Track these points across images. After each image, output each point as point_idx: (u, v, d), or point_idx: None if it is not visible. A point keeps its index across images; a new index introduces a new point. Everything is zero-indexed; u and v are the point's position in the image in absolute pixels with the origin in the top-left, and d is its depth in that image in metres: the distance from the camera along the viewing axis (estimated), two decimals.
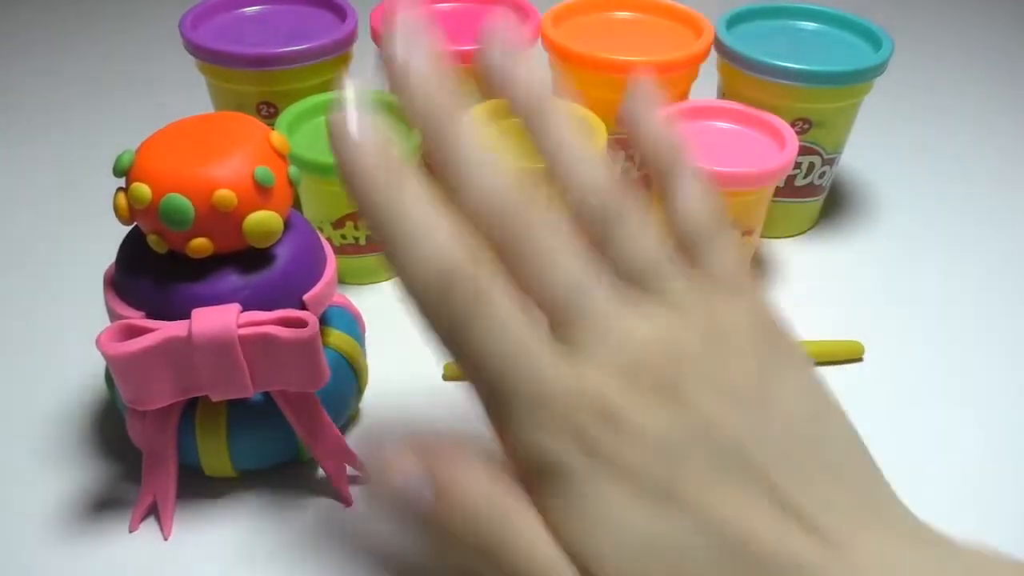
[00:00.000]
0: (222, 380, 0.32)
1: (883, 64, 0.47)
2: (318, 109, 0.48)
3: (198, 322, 0.30)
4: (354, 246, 0.47)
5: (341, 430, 0.38)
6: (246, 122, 0.33)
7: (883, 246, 0.53)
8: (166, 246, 0.32)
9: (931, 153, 0.63)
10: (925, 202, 0.57)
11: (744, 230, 0.46)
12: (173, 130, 0.33)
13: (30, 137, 0.62)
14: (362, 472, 0.37)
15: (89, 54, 0.74)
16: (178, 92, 0.65)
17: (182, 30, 0.48)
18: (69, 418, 0.40)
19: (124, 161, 0.32)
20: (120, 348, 0.30)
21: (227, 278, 0.32)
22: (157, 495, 0.35)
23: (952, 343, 0.46)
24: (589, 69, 0.47)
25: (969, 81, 0.72)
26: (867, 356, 0.44)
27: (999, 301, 0.49)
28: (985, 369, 0.44)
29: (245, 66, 0.47)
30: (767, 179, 0.44)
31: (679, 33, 0.51)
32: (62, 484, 0.37)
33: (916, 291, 0.49)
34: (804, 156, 0.49)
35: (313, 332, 0.31)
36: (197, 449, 0.35)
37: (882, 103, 0.66)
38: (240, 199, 0.31)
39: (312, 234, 0.36)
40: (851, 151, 0.60)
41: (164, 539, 0.35)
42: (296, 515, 0.36)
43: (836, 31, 0.52)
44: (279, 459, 0.37)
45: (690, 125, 0.48)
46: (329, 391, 0.35)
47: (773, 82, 0.47)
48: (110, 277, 0.34)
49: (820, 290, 0.49)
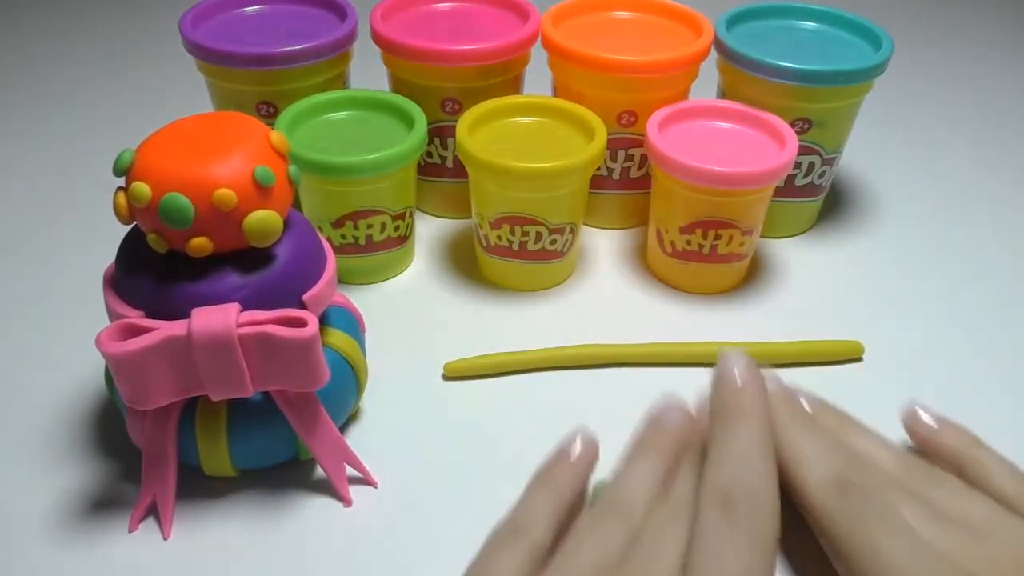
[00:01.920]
0: (222, 380, 0.32)
1: (883, 64, 0.47)
2: (318, 109, 0.48)
3: (198, 321, 0.30)
4: (354, 246, 0.47)
5: (341, 430, 0.38)
6: (246, 122, 0.33)
7: (883, 246, 0.53)
8: (166, 245, 0.32)
9: (931, 153, 0.63)
10: (925, 202, 0.57)
11: (744, 230, 0.46)
12: (173, 130, 0.33)
13: (30, 137, 0.62)
14: (363, 472, 0.37)
15: (89, 54, 0.74)
16: (178, 92, 0.65)
17: (182, 30, 0.48)
18: (69, 418, 0.40)
19: (124, 160, 0.31)
20: (120, 347, 0.30)
21: (227, 277, 0.32)
22: (157, 495, 0.35)
23: (951, 343, 0.46)
24: (589, 69, 0.47)
25: (969, 81, 0.72)
26: (867, 356, 0.44)
27: (998, 300, 0.49)
28: (984, 368, 0.44)
29: (245, 66, 0.47)
30: (767, 179, 0.44)
31: (679, 33, 0.51)
32: (62, 484, 0.37)
33: (916, 291, 0.49)
34: (804, 156, 0.49)
35: (313, 332, 0.31)
36: (197, 449, 0.35)
37: (882, 103, 0.66)
38: (240, 198, 0.31)
39: (312, 234, 0.36)
40: (851, 151, 0.60)
41: (164, 539, 0.35)
42: (296, 515, 0.36)
43: (836, 31, 0.52)
44: (279, 459, 0.37)
45: (690, 125, 0.48)
46: (329, 391, 0.35)
47: (773, 82, 0.47)
48: (110, 276, 0.34)
49: (820, 290, 0.49)
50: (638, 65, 0.47)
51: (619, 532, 0.29)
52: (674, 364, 0.44)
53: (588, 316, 0.47)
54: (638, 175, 0.51)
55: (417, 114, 0.47)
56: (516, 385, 0.43)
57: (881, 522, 0.29)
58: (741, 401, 0.31)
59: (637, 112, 0.48)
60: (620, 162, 0.51)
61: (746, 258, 0.48)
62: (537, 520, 0.31)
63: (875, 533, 0.29)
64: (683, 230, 0.46)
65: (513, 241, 0.46)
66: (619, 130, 0.49)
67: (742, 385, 0.31)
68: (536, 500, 0.32)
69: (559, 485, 0.32)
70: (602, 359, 0.44)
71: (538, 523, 0.31)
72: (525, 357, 0.43)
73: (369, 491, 0.37)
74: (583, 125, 0.47)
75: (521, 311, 0.47)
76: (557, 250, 0.47)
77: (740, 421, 0.30)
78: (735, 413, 0.31)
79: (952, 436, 0.35)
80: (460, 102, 0.49)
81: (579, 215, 0.47)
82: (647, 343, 0.44)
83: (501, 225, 0.46)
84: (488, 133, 0.47)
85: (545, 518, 0.31)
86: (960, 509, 0.31)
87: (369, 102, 0.48)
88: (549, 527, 0.31)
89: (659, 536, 0.29)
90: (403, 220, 0.48)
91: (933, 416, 0.36)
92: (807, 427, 0.32)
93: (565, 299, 0.48)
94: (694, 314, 0.47)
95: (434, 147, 0.51)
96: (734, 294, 0.49)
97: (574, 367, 0.44)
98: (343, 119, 0.48)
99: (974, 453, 0.34)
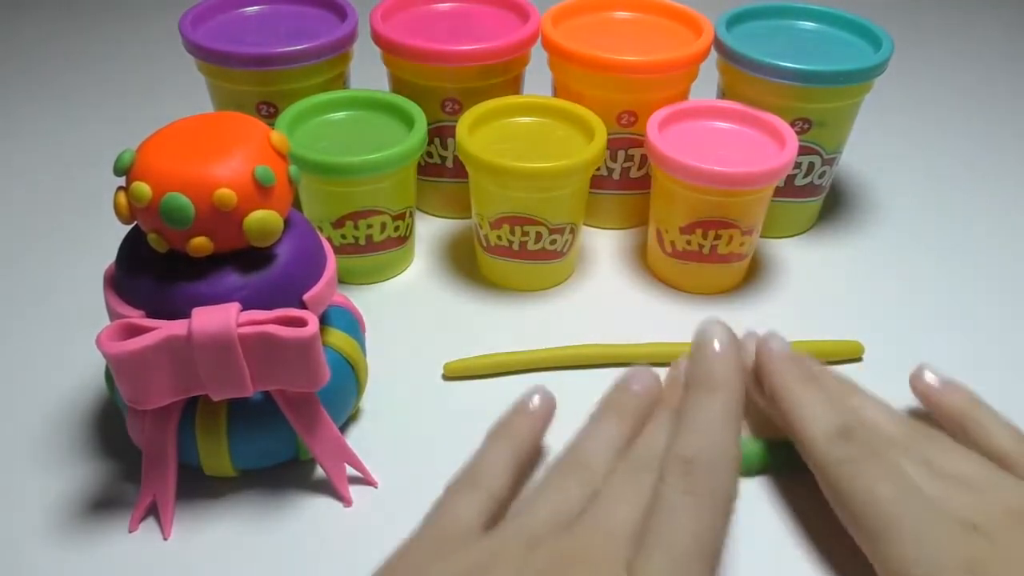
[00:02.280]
0: (222, 379, 0.32)
1: (883, 64, 0.47)
2: (318, 109, 0.48)
3: (198, 321, 0.30)
4: (354, 246, 0.47)
5: (341, 430, 0.38)
6: (246, 122, 0.33)
7: (883, 246, 0.53)
8: (166, 245, 0.32)
9: (931, 153, 0.63)
10: (925, 202, 0.57)
11: (744, 230, 0.46)
12: (173, 129, 0.33)
13: (30, 137, 0.62)
14: (363, 472, 0.37)
15: (89, 54, 0.74)
16: (178, 92, 0.65)
17: (182, 30, 0.48)
18: (69, 418, 0.40)
19: (124, 160, 0.31)
20: (120, 347, 0.30)
21: (227, 277, 0.32)
22: (157, 495, 0.35)
23: (951, 343, 0.46)
24: (589, 69, 0.47)
25: (969, 81, 0.72)
26: (867, 356, 0.44)
27: (998, 300, 0.49)
28: (984, 368, 0.44)
29: (245, 66, 0.47)
30: (767, 179, 0.44)
31: (679, 33, 0.51)
32: (62, 484, 0.37)
33: (916, 291, 0.49)
34: (804, 156, 0.49)
35: (313, 332, 0.31)
36: (197, 449, 0.35)
37: (882, 103, 0.66)
38: (240, 198, 0.31)
39: (312, 234, 0.36)
40: (851, 151, 0.60)
41: (164, 539, 0.35)
42: (296, 515, 0.36)
43: (836, 31, 0.52)
44: (279, 459, 0.37)
45: (690, 125, 0.48)
46: (329, 391, 0.35)
47: (773, 82, 0.47)
48: (110, 276, 0.34)
49: (820, 290, 0.49)
50: (638, 65, 0.47)
51: (578, 487, 0.30)
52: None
53: (588, 316, 0.47)
54: (638, 175, 0.51)
55: (417, 114, 0.47)
56: (516, 385, 0.42)
57: (879, 468, 0.30)
58: (714, 372, 0.31)
59: (637, 112, 0.48)
60: (620, 162, 0.51)
61: (746, 258, 0.48)
62: (495, 471, 0.31)
63: (873, 479, 0.30)
64: (683, 230, 0.46)
65: (513, 241, 0.46)
66: (619, 130, 0.49)
67: (720, 353, 0.32)
68: (494, 451, 0.32)
69: (517, 437, 0.33)
70: (602, 359, 0.44)
71: (496, 474, 0.31)
72: (525, 357, 0.43)
73: (369, 491, 0.37)
74: (583, 125, 0.47)
75: (521, 311, 0.47)
76: (557, 250, 0.47)
77: (711, 393, 0.31)
78: (707, 383, 0.31)
79: (955, 397, 0.36)
80: (460, 102, 0.49)
81: (579, 215, 0.47)
82: (647, 343, 0.44)
83: (501, 225, 0.46)
84: (488, 133, 0.47)
85: (503, 469, 0.31)
86: (956, 466, 0.32)
87: (369, 102, 0.48)
88: (507, 478, 0.31)
89: (617, 493, 0.29)
90: (403, 220, 0.48)
91: (938, 377, 0.37)
92: (811, 385, 0.34)
93: (565, 299, 0.48)
94: (694, 314, 0.47)
95: (434, 147, 0.51)
96: (734, 294, 0.49)
97: (574, 367, 0.44)
98: (343, 119, 0.48)
99: (975, 414, 0.35)
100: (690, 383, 0.32)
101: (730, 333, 0.33)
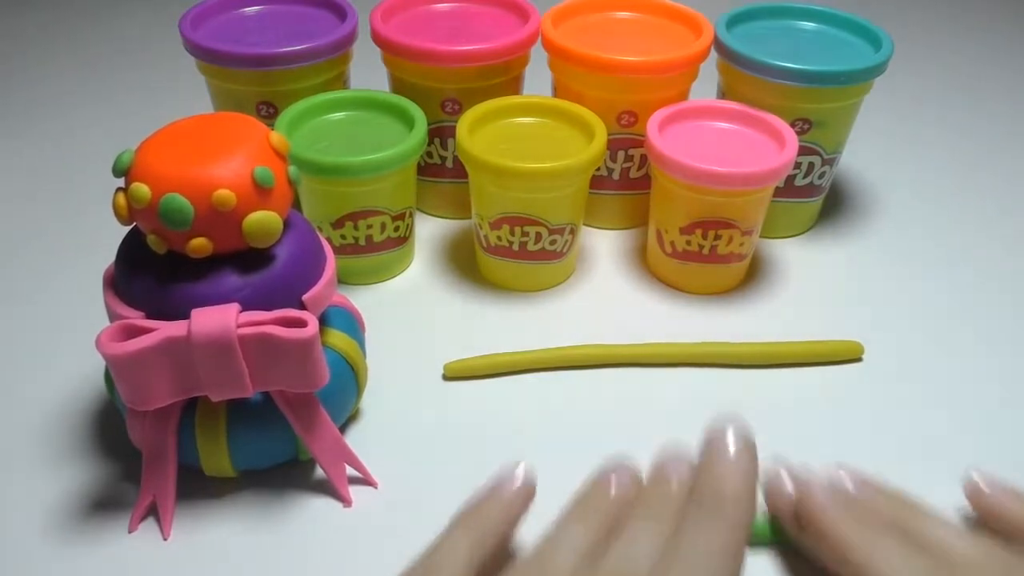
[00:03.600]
0: (221, 380, 0.32)
1: (883, 64, 0.47)
2: (318, 109, 0.48)
3: (197, 322, 0.30)
4: (354, 246, 0.47)
5: (341, 430, 0.38)
6: (246, 122, 0.33)
7: (883, 246, 0.53)
8: (165, 246, 0.32)
9: (931, 153, 0.62)
10: (924, 202, 0.57)
11: (744, 230, 0.46)
12: (173, 130, 0.33)
13: (30, 137, 0.62)
14: (363, 472, 0.37)
15: (89, 54, 0.74)
16: (178, 92, 0.65)
17: (182, 30, 0.48)
18: (69, 418, 0.40)
19: (124, 161, 0.31)
20: (120, 348, 0.30)
21: (226, 278, 0.32)
22: (157, 495, 0.35)
23: (951, 343, 0.46)
24: (589, 69, 0.47)
25: (969, 81, 0.72)
26: (866, 356, 0.44)
27: (998, 301, 0.49)
28: (984, 368, 0.44)
29: (245, 66, 0.47)
30: (767, 179, 0.44)
31: (679, 33, 0.51)
32: (62, 484, 0.37)
33: (915, 291, 0.49)
34: (804, 156, 0.49)
35: (313, 332, 0.31)
36: (197, 449, 0.35)
37: (882, 103, 0.66)
38: (240, 199, 0.31)
39: (312, 234, 0.36)
40: (851, 151, 0.60)
41: (164, 539, 0.35)
42: (296, 515, 0.36)
43: (836, 31, 0.52)
44: (279, 459, 0.37)
45: (690, 125, 0.48)
46: (329, 391, 0.35)
47: (773, 82, 0.47)
48: (109, 277, 0.34)
49: (820, 290, 0.49)
50: (638, 65, 0.47)
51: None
52: (674, 364, 0.44)
53: (588, 316, 0.47)
54: (638, 175, 0.51)
55: (417, 114, 0.47)
56: (516, 385, 0.43)
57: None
58: (723, 488, 0.28)
59: (637, 112, 0.48)
60: (620, 162, 0.51)
61: (746, 258, 0.48)
62: (452, 566, 0.28)
63: None
64: (683, 230, 0.46)
65: (513, 241, 0.46)
66: (619, 130, 0.49)
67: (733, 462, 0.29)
68: (454, 542, 0.29)
69: (483, 529, 0.30)
70: (602, 359, 0.44)
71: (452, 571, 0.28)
72: (525, 357, 0.43)
73: (369, 491, 0.37)
74: (583, 125, 0.47)
75: (521, 311, 0.47)
76: (557, 250, 0.47)
77: (715, 515, 0.28)
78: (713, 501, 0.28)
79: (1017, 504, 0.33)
80: (460, 102, 0.49)
81: (579, 215, 0.47)
82: (647, 343, 0.44)
83: (501, 225, 0.46)
84: (488, 133, 0.47)
85: (462, 565, 0.28)
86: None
87: (369, 102, 0.48)
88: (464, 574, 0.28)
89: None
90: (403, 220, 0.48)
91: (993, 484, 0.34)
92: (877, 531, 0.30)
93: (565, 299, 0.48)
94: (694, 314, 0.47)
95: (434, 147, 0.51)
96: (734, 294, 0.49)
97: (574, 367, 0.44)
98: (343, 119, 0.48)
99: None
100: (694, 494, 0.28)
101: (746, 436, 0.29)
